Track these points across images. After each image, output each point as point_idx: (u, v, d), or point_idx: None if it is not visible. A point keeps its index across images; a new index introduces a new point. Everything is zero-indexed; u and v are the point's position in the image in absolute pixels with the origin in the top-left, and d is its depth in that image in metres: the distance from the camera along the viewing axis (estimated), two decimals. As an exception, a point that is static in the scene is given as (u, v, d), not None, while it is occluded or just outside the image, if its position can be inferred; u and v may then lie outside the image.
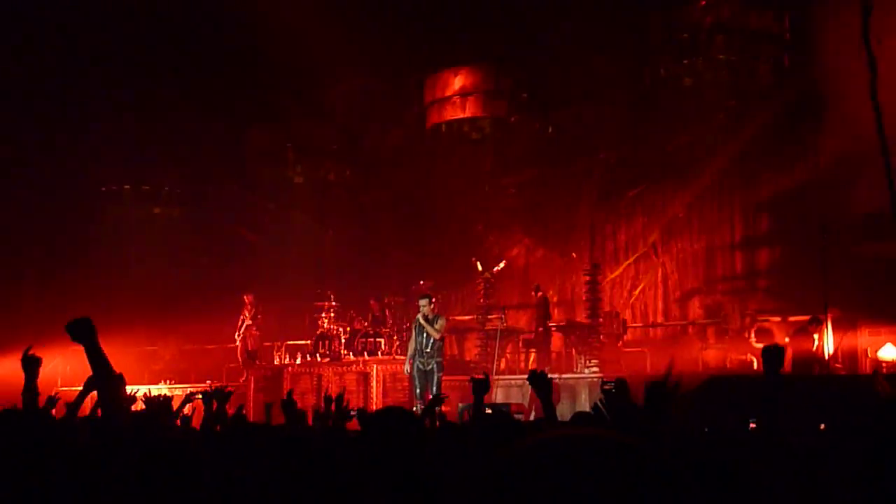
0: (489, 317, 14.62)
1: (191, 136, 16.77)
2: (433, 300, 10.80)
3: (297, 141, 17.09)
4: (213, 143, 17.14)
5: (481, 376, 4.27)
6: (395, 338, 13.87)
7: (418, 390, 10.46)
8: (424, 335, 10.61)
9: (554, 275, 16.38)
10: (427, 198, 16.86)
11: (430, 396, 9.09)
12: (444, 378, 10.77)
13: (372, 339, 13.97)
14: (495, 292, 14.81)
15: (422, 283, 14.72)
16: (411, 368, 10.77)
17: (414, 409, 9.81)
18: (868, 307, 11.78)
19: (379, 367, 13.36)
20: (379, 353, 13.74)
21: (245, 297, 15.62)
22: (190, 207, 18.11)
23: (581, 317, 14.45)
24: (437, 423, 5.30)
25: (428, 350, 10.60)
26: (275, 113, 17.02)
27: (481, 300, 14.84)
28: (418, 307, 10.89)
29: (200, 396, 5.11)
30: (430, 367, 10.64)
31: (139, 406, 5.12)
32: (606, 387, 2.91)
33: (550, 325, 14.27)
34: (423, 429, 2.51)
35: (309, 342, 14.89)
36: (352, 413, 5.00)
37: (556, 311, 15.69)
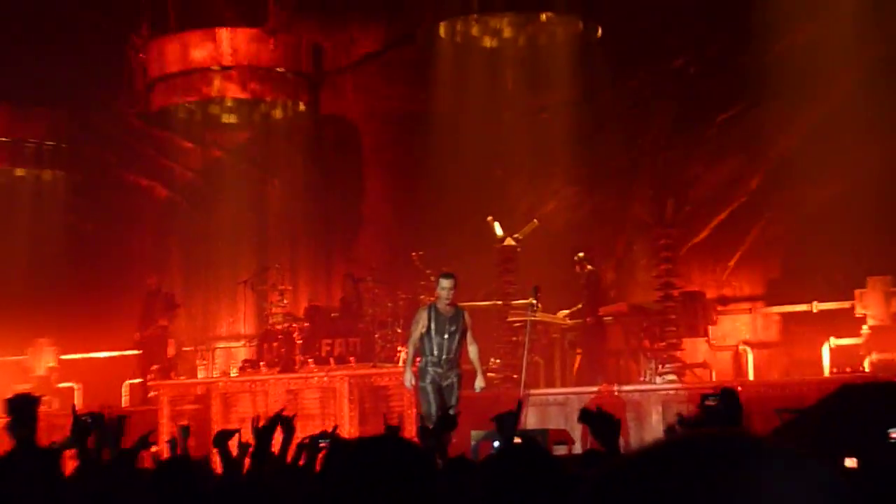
0: (513, 302, 14.95)
1: (64, 47, 17.61)
2: (455, 282, 10.99)
3: (230, 57, 17.40)
4: (98, 61, 17.83)
5: (512, 408, 4.36)
6: (377, 336, 14.15)
7: (432, 407, 10.63)
8: (447, 335, 10.89)
9: (606, 240, 16.69)
10: (421, 130, 17.03)
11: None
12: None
13: (342, 340, 14.32)
14: (521, 266, 15.11)
15: (415, 254, 14.91)
16: (418, 381, 11.02)
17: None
18: None
19: (353, 381, 13.68)
20: (353, 358, 14.05)
21: (150, 281, 16.10)
22: (69, 159, 18.84)
23: (648, 300, 14.75)
24: (441, 458, 5.50)
25: (451, 356, 10.91)
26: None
27: (502, 278, 15.17)
28: (436, 292, 11.16)
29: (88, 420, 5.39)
30: (450, 380, 10.97)
31: None
32: (710, 402, 3.06)
33: (604, 313, 14.65)
34: (432, 469, 2.46)
35: (249, 345, 15.70)
36: (320, 443, 5.24)
37: (611, 291, 16.04)
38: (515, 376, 13.68)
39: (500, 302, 15.12)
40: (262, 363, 14.37)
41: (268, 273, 15.49)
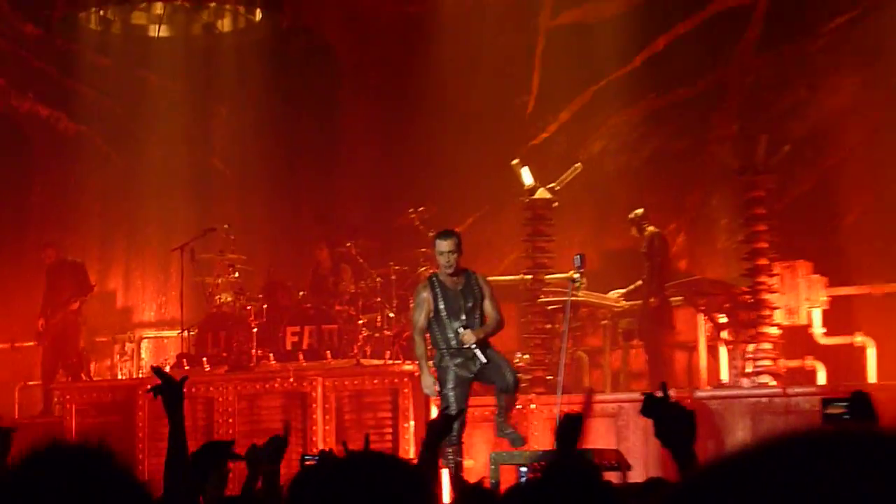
0: (547, 277, 15.16)
1: None
2: (458, 242, 11.23)
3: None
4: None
5: (575, 410, 5.44)
6: (362, 323, 14.66)
7: (456, 426, 10.70)
8: (464, 314, 11.17)
9: (675, 192, 16.91)
10: (420, 42, 17.26)
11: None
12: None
13: (313, 328, 14.65)
14: (558, 228, 15.33)
15: (413, 211, 15.26)
16: (440, 382, 11.26)
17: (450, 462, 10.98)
18: None
19: (329, 383, 13.98)
20: (329, 353, 14.27)
21: (47, 252, 16.20)
22: None
23: (731, 274, 15.11)
24: (454, 488, 6.29)
25: (472, 341, 11.12)
26: None
27: (532, 244, 15.36)
28: (437, 259, 11.35)
29: None
30: (483, 359, 11.17)
31: None
32: (832, 409, 4.10)
33: (672, 292, 14.79)
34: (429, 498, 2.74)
35: (188, 333, 15.37)
36: (306, 459, 6.00)
37: (681, 262, 16.41)
38: (550, 377, 14.13)
39: (529, 276, 15.35)
40: (204, 358, 14.64)
41: (212, 236, 15.67)
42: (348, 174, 18.40)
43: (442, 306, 11.09)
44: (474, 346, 11.02)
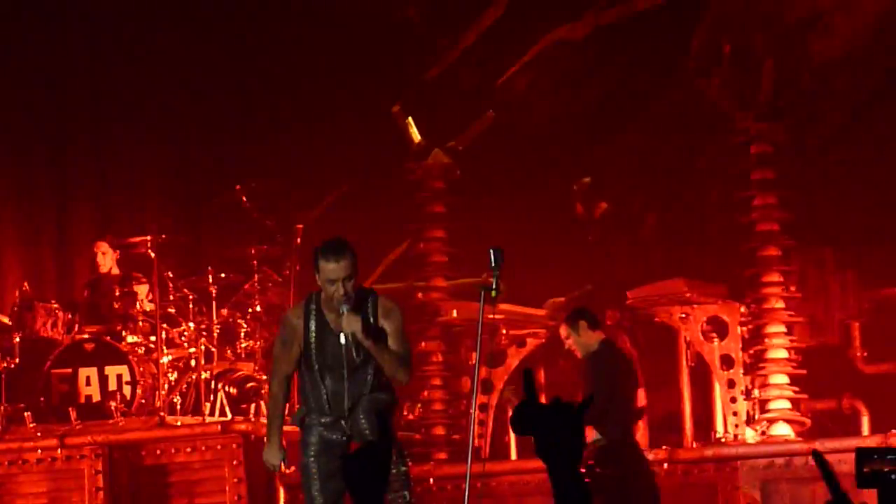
0: (448, 282, 15.79)
1: None
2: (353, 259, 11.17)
3: None
4: None
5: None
6: (168, 362, 15.09)
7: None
8: (352, 360, 11.03)
9: (637, 153, 17.16)
10: None
11: None
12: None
13: (94, 370, 14.94)
14: (463, 206, 15.97)
15: (240, 188, 15.78)
16: (302, 445, 11.35)
17: None
18: None
19: (118, 455, 14.29)
20: (115, 407, 14.58)
21: None
22: None
23: (726, 275, 15.51)
24: None
25: (364, 397, 11.13)
26: None
27: (423, 232, 15.92)
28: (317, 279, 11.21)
29: None
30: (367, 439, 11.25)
31: None
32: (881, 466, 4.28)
33: (635, 299, 15.20)
34: None
35: None
36: None
37: (653, 254, 16.87)
38: (456, 437, 14.74)
39: (420, 283, 15.88)
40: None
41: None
42: (132, 135, 18.68)
43: (314, 353, 10.90)
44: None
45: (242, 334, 15.02)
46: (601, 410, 13.43)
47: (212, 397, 14.62)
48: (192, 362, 15.06)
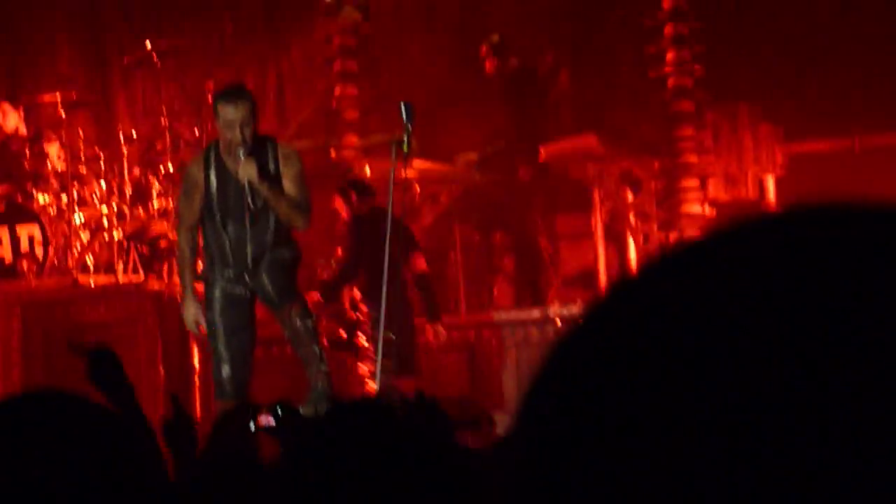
0: (358, 140, 16.03)
1: None
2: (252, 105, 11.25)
3: None
4: None
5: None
6: (82, 223, 15.00)
7: (226, 371, 11.24)
8: (250, 209, 11.21)
9: (546, 4, 17.10)
10: None
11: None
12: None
13: (3, 228, 15.02)
14: (373, 66, 16.44)
15: (151, 45, 15.52)
16: (206, 303, 11.55)
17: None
18: None
19: (32, 314, 14.28)
20: (36, 268, 14.60)
21: None
22: None
23: (641, 132, 15.87)
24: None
25: (265, 248, 11.26)
26: None
27: (333, 91, 16.21)
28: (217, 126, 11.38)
29: None
30: (270, 292, 11.41)
31: None
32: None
33: (550, 155, 15.16)
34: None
35: None
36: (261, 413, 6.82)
37: (565, 113, 16.62)
38: (359, 316, 14.15)
39: (327, 143, 16.09)
40: None
41: None
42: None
43: (215, 200, 11.09)
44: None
45: (155, 194, 15.04)
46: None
47: (125, 256, 14.68)
48: (105, 221, 15.09)
